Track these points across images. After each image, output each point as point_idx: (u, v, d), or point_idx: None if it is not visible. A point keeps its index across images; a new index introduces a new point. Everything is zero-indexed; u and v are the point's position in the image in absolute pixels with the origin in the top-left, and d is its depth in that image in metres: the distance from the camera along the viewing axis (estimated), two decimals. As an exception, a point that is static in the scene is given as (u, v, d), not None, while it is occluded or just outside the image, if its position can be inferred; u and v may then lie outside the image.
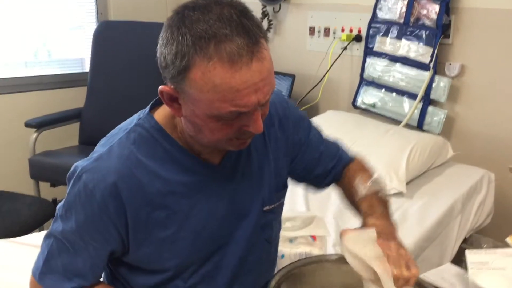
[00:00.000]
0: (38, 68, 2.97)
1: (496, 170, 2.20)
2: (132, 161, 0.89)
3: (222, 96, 0.77)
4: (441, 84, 2.31)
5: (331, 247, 1.47)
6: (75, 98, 2.92)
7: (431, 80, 2.32)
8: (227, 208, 0.98)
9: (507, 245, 1.32)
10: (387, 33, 2.47)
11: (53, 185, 2.56)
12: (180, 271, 0.98)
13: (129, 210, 0.89)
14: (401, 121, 2.43)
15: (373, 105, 2.57)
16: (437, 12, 2.25)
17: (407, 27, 2.38)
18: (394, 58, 2.45)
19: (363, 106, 2.62)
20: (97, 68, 2.82)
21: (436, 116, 2.35)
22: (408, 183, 2.00)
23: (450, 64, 2.32)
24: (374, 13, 2.52)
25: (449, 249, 1.89)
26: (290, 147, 1.08)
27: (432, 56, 2.29)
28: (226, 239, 0.99)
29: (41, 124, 2.60)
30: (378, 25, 2.51)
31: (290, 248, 1.29)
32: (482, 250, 1.24)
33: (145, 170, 0.90)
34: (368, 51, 2.57)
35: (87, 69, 2.97)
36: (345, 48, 2.67)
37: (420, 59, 2.34)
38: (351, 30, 2.67)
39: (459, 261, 1.49)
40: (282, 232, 1.22)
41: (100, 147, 0.93)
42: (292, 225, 1.35)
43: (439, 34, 2.26)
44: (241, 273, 1.02)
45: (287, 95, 2.77)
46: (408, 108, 2.41)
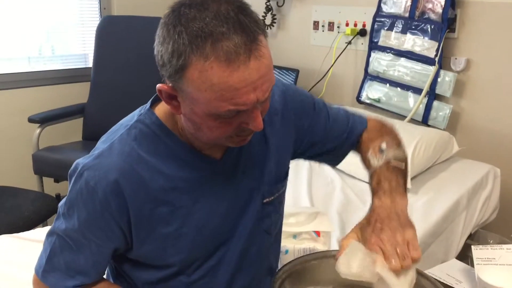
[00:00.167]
0: (42, 64, 2.98)
1: (501, 165, 2.18)
2: (134, 158, 0.88)
3: (220, 95, 0.76)
4: (447, 79, 2.29)
5: (335, 243, 1.47)
6: (79, 93, 2.92)
7: (437, 75, 2.30)
8: (229, 203, 0.97)
9: (514, 241, 1.31)
10: (392, 27, 2.45)
11: (56, 181, 2.57)
12: (185, 266, 0.97)
13: (132, 207, 0.88)
14: (406, 116, 2.42)
15: (378, 100, 2.55)
16: (443, 5, 2.23)
17: (412, 21, 2.36)
18: (399, 53, 2.44)
19: (368, 101, 2.61)
20: (101, 64, 2.82)
21: (441, 111, 2.33)
22: (413, 178, 1.99)
23: (456, 58, 2.30)
24: (379, 7, 2.50)
25: (454, 245, 1.89)
26: (294, 134, 1.07)
27: (437, 50, 2.27)
28: (228, 234, 0.99)
29: (45, 120, 2.60)
30: (383, 19, 2.49)
31: (294, 243, 1.29)
32: (488, 246, 1.23)
33: (147, 166, 0.89)
34: (373, 46, 2.55)
35: (90, 64, 2.97)
36: (349, 43, 2.65)
37: (425, 53, 2.32)
38: (355, 25, 2.65)
39: (464, 257, 1.49)
40: (285, 228, 1.21)
41: (101, 144, 0.92)
42: (296, 221, 1.34)
43: (445, 28, 2.24)
44: (243, 266, 1.02)
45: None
46: (413, 103, 2.40)
